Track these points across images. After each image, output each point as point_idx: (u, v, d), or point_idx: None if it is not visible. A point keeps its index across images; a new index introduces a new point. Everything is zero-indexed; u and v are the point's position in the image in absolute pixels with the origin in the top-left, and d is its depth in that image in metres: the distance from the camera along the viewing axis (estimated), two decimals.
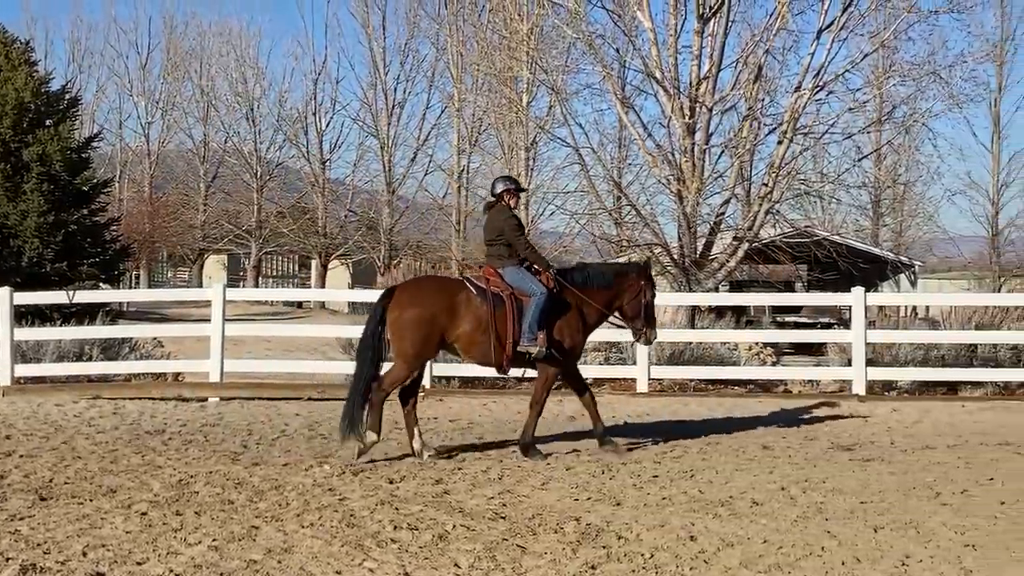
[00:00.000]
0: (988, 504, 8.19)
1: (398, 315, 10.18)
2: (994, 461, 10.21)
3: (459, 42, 34.66)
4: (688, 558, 6.57)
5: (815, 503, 8.18)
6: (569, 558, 6.56)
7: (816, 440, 11.49)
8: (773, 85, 20.82)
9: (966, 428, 12.59)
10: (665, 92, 20.18)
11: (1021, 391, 15.67)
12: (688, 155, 20.14)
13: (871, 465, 9.93)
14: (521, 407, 13.93)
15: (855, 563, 6.48)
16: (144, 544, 6.72)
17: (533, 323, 10.21)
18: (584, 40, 20.16)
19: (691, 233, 20.42)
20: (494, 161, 34.20)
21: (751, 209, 20.74)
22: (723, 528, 7.33)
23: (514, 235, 10.56)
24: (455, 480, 9.04)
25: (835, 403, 14.39)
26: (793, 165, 20.73)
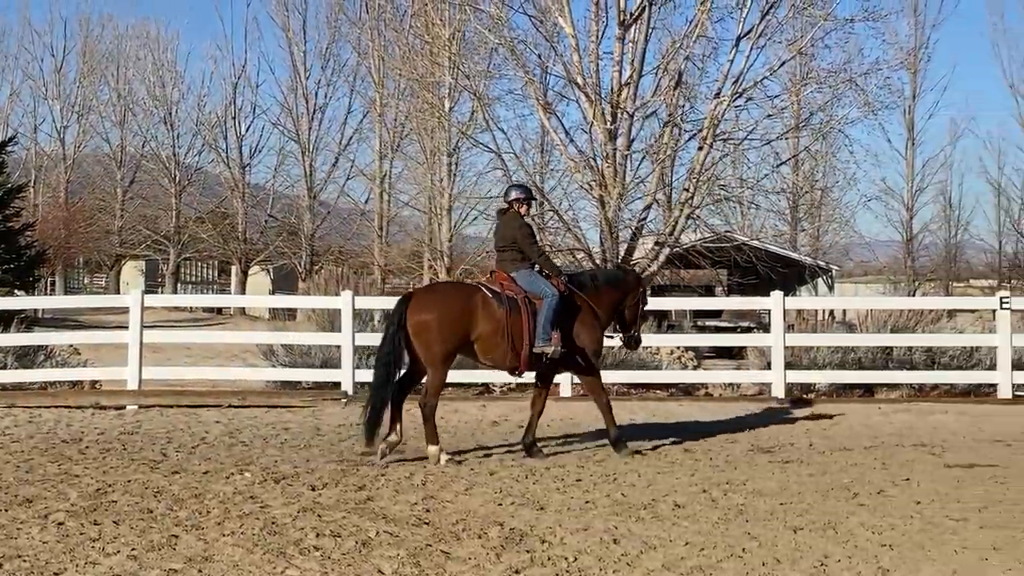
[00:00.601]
0: (904, 504, 8.34)
1: (420, 320, 10.28)
2: (909, 462, 10.41)
3: (380, 47, 34.49)
4: (611, 561, 6.59)
5: (736, 505, 8.27)
6: (493, 563, 6.55)
7: (737, 443, 11.61)
8: (693, 91, 21.02)
9: (882, 429, 12.83)
10: (587, 98, 20.26)
11: (935, 392, 15.99)
12: (610, 161, 20.24)
13: (790, 467, 10.07)
14: (443, 412, 13.91)
15: (775, 564, 6.56)
16: (61, 555, 6.58)
17: (547, 324, 10.47)
18: (506, 46, 20.16)
19: (613, 238, 20.52)
20: (416, 166, 34.11)
21: (672, 214, 20.92)
22: (646, 531, 7.37)
23: (527, 242, 10.86)
24: (378, 486, 8.98)
25: (755, 406, 14.56)
26: (713, 171, 20.94)
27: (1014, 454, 10.91)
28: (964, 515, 7.93)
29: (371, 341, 16.38)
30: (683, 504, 8.28)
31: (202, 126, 45.23)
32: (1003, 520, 7.77)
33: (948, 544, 7.06)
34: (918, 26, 42.78)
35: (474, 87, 21.76)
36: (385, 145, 37.42)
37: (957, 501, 8.45)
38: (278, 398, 15.26)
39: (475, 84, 21.79)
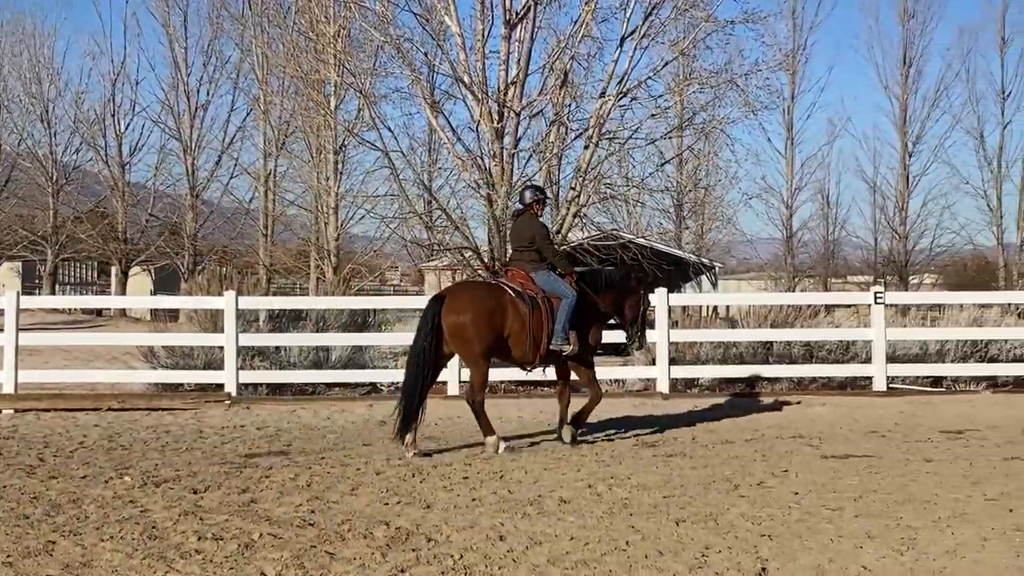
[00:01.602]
0: (783, 495, 8.53)
1: (457, 320, 10.65)
2: (788, 453, 10.66)
3: (264, 43, 34.01)
4: (497, 558, 6.61)
5: (620, 499, 8.37)
6: (378, 562, 6.52)
7: (622, 438, 11.76)
8: (579, 91, 21.17)
9: (763, 422, 13.12)
10: (474, 97, 20.28)
11: (813, 386, 16.40)
12: (497, 159, 20.29)
13: (674, 460, 10.23)
14: (330, 413, 13.84)
15: (658, 556, 6.65)
16: None
17: (565, 323, 11.01)
18: (392, 44, 20.06)
19: (501, 236, 20.57)
20: (302, 164, 33.73)
21: (559, 213, 21.05)
22: (532, 527, 7.41)
23: (545, 242, 11.38)
24: (262, 488, 8.86)
25: (641, 402, 14.74)
26: (599, 169, 21.12)
27: (888, 445, 11.25)
28: (840, 504, 8.15)
29: (255, 342, 16.22)
30: (569, 499, 8.35)
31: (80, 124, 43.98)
32: (877, 509, 8.01)
33: (824, 533, 7.25)
34: (796, 28, 43.86)
35: (360, 85, 21.61)
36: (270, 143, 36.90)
37: (833, 491, 8.68)
38: (159, 401, 14.95)
39: (361, 82, 21.63)
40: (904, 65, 44.51)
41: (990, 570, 6.35)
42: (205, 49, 40.96)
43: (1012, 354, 17.25)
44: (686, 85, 21.83)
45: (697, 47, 21.10)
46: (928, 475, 9.40)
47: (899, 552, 6.75)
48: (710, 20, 20.13)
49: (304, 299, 23.34)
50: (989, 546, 6.89)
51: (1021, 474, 9.38)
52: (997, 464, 9.94)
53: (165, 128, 41.95)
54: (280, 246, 38.58)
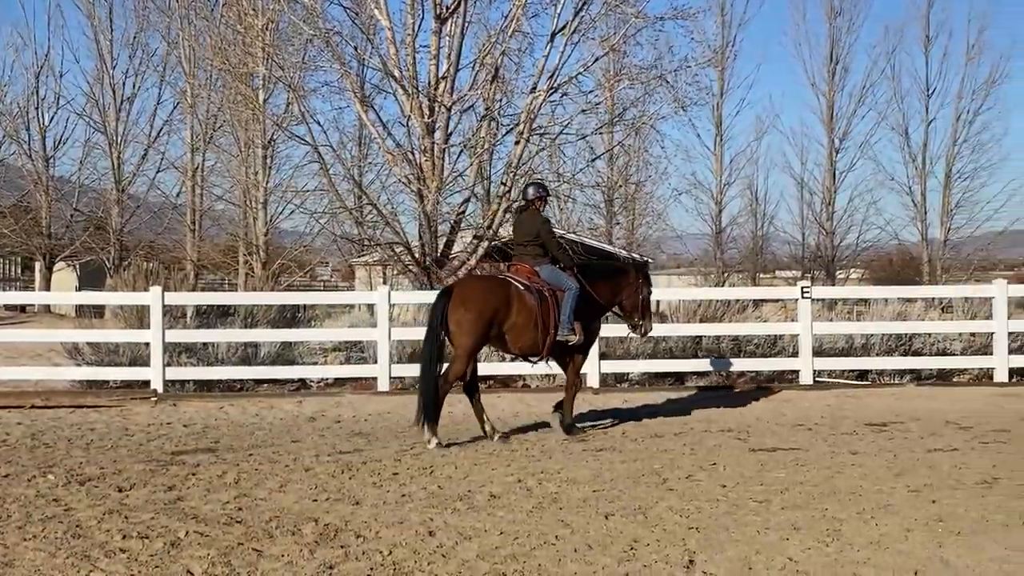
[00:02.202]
0: (711, 488, 8.60)
1: (463, 313, 11.00)
2: (717, 447, 10.76)
3: (191, 36, 33.54)
4: (426, 553, 6.59)
5: (550, 493, 8.38)
6: (306, 559, 6.46)
7: (552, 432, 11.75)
8: (510, 86, 21.21)
9: (692, 416, 13.20)
10: (404, 91, 20.21)
11: (742, 380, 16.55)
12: (428, 154, 20.25)
13: (603, 454, 10.27)
14: (259, 409, 13.70)
15: (587, 549, 6.67)
16: None
17: (570, 314, 11.42)
18: (321, 37, 19.92)
19: (432, 232, 20.54)
20: (230, 159, 33.33)
21: (491, 208, 21.06)
22: (461, 522, 7.39)
23: (549, 238, 11.74)
24: (189, 486, 8.74)
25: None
26: (530, 165, 21.16)
27: (814, 438, 11.39)
28: (767, 497, 8.24)
29: (182, 338, 16.01)
30: (499, 494, 8.35)
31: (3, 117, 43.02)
32: (803, 501, 8.10)
33: (751, 525, 7.32)
34: (725, 25, 44.14)
35: (289, 79, 21.42)
36: (197, 137, 36.38)
37: (760, 484, 8.77)
38: (84, 398, 14.69)
39: (290, 76, 21.44)
40: (831, 62, 45.09)
41: (913, 561, 6.44)
42: (131, 42, 40.23)
43: (935, 347, 17.56)
44: (616, 81, 21.94)
45: (627, 43, 21.27)
46: (853, 467, 9.53)
47: (824, 543, 6.83)
48: (640, 16, 20.26)
49: (232, 295, 23.06)
50: (912, 537, 7.00)
51: (943, 466, 9.55)
52: (920, 456, 10.11)
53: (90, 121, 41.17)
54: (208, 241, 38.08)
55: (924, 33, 45.15)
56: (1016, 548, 6.69)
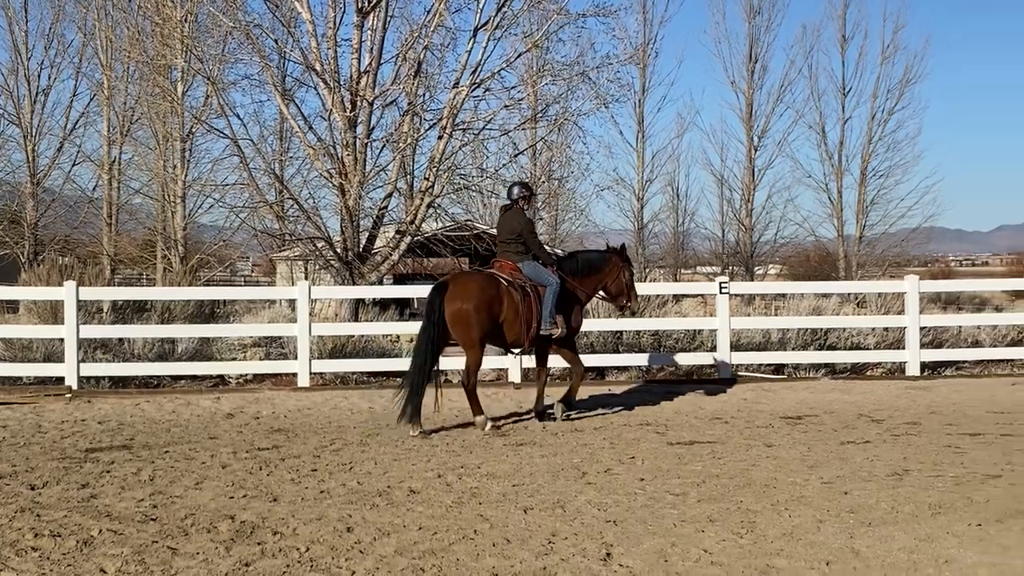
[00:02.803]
0: (629, 482, 8.68)
1: (459, 308, 11.48)
2: (635, 441, 10.85)
3: (108, 27, 32.91)
4: (344, 549, 6.57)
5: (470, 488, 8.40)
6: (222, 557, 6.41)
7: (473, 427, 11.76)
8: (433, 81, 21.15)
9: (612, 410, 13.29)
10: (326, 85, 20.07)
11: (662, 374, 16.72)
12: (350, 149, 20.13)
13: (524, 449, 10.32)
14: (175, 406, 13.52)
15: (505, 544, 6.70)
16: None
17: (552, 309, 11.99)
18: (241, 30, 19.70)
19: (354, 227, 20.42)
20: (147, 152, 32.80)
21: (413, 203, 21.00)
22: (380, 518, 7.38)
23: (530, 236, 12.24)
24: (103, 484, 8.61)
25: (493, 391, 14.78)
26: (453, 160, 21.14)
27: (730, 431, 11.53)
28: (684, 490, 8.34)
29: (97, 334, 15.74)
30: (418, 490, 8.35)
31: None
32: (719, 493, 8.21)
33: (668, 518, 7.40)
34: (646, 23, 44.37)
35: (208, 71, 21.14)
36: (114, 130, 35.70)
37: (678, 477, 8.87)
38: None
39: (209, 68, 21.16)
40: (750, 61, 45.62)
41: (825, 551, 6.56)
42: (47, 33, 39.31)
43: (849, 342, 17.89)
44: (539, 77, 21.97)
45: (550, 39, 21.32)
46: (768, 460, 9.68)
47: (739, 535, 6.93)
48: (562, 13, 20.35)
49: (149, 290, 22.74)
50: (824, 528, 7.13)
51: (856, 458, 9.74)
52: (833, 448, 10.29)
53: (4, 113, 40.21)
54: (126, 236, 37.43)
55: (840, 33, 45.91)
56: (924, 538, 6.84)
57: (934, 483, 8.57)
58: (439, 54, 21.06)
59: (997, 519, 7.33)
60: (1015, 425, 11.73)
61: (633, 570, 6.18)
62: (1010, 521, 7.28)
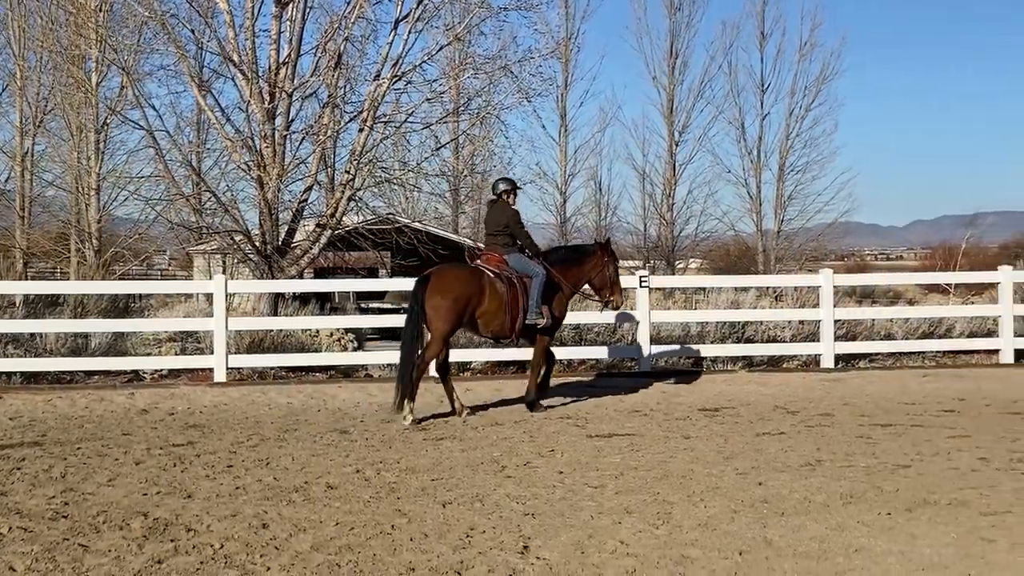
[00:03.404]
0: (548, 475, 8.72)
1: (439, 300, 11.90)
2: (555, 434, 10.89)
3: (21, 16, 32.16)
4: (259, 546, 6.50)
5: (388, 483, 8.37)
6: (134, 554, 6.32)
7: (392, 422, 11.70)
8: (354, 73, 20.95)
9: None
10: (244, 76, 19.80)
11: (583, 367, 16.80)
12: (268, 141, 19.89)
13: (443, 443, 10.30)
14: (88, 402, 13.27)
15: (423, 538, 6.68)
16: None
17: (537, 299, 12.33)
18: (157, 20, 19.32)
19: (273, 220, 20.19)
20: (61, 143, 32.11)
21: (334, 196, 20.83)
22: (296, 514, 7.32)
23: (517, 228, 12.68)
24: (13, 481, 8.44)
25: None
26: (374, 153, 20.98)
27: (649, 423, 11.62)
28: (602, 482, 8.39)
29: (8, 328, 15.44)
30: (336, 485, 8.29)
31: None
32: (636, 485, 8.28)
33: (586, 510, 7.45)
34: (568, 17, 44.40)
35: (123, 62, 20.73)
36: (27, 121, 34.83)
37: (596, 469, 8.93)
38: None
39: (124, 59, 20.75)
40: (671, 56, 45.88)
41: (738, 541, 6.65)
42: None
43: (767, 335, 18.13)
44: (461, 70, 21.87)
45: (471, 33, 21.25)
46: (686, 452, 9.79)
47: (655, 526, 7.00)
48: (484, 6, 20.29)
49: (62, 283, 22.31)
50: (738, 518, 7.23)
51: (770, 449, 9.88)
52: (749, 440, 10.44)
53: None
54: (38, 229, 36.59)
55: (759, 30, 46.38)
56: (835, 527, 6.97)
57: (846, 473, 8.73)
58: (360, 46, 20.88)
59: (906, 508, 7.49)
60: (925, 416, 12.00)
61: (550, 562, 6.20)
62: (918, 510, 7.44)
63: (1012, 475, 8.62)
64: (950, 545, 6.57)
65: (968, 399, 13.33)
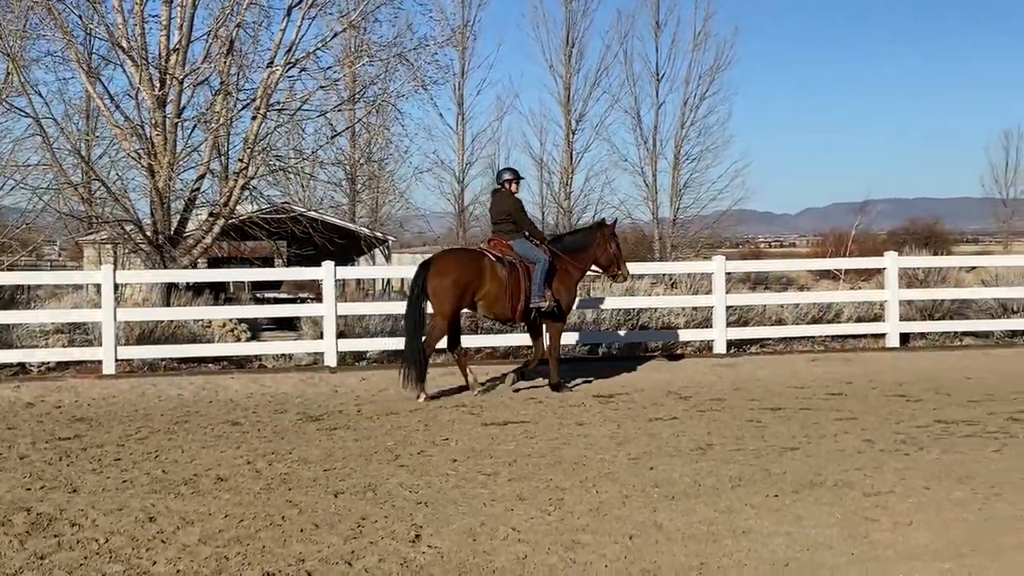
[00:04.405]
0: (441, 463, 8.72)
1: (439, 282, 12.50)
2: (450, 422, 10.89)
3: None
4: (145, 540, 6.41)
5: (280, 474, 8.29)
6: (16, 551, 6.18)
7: (286, 413, 11.58)
8: (247, 60, 20.71)
9: (429, 392, 13.24)
10: (133, 63, 19.44)
11: (479, 356, 16.77)
12: (159, 128, 19.56)
13: (337, 433, 10.23)
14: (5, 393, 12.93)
15: (314, 529, 6.64)
16: None
17: (540, 283, 12.85)
18: (43, 5, 18.87)
19: (164, 209, 19.86)
20: None
21: (227, 185, 20.55)
22: (185, 506, 7.22)
23: (520, 215, 13.29)
24: None
25: (308, 376, 14.63)
26: (268, 141, 20.75)
27: (544, 410, 11.66)
28: (496, 469, 8.42)
29: None
30: (226, 477, 8.19)
31: None
32: (529, 472, 8.33)
33: (479, 498, 7.47)
34: (464, 5, 44.31)
35: (8, 48, 20.11)
36: None
37: (490, 457, 8.96)
38: None
39: (9, 45, 20.13)
40: (567, 45, 46.15)
41: (629, 525, 6.73)
42: None
43: (661, 321, 18.34)
44: (356, 58, 21.71)
45: (367, 20, 21.15)
46: (579, 438, 9.87)
47: (547, 512, 7.05)
48: None
49: None
50: (629, 503, 7.32)
51: (663, 434, 10.01)
52: (642, 425, 10.56)
53: None
54: None
55: (654, 19, 46.90)
56: (723, 510, 7.10)
57: (736, 456, 8.89)
58: (253, 32, 20.65)
59: (793, 490, 7.66)
60: (814, 399, 12.26)
61: (441, 550, 6.21)
62: (805, 492, 7.61)
63: (895, 456, 8.85)
64: (835, 525, 6.72)
65: (855, 382, 13.66)
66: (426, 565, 5.95)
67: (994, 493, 7.47)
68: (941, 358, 16.25)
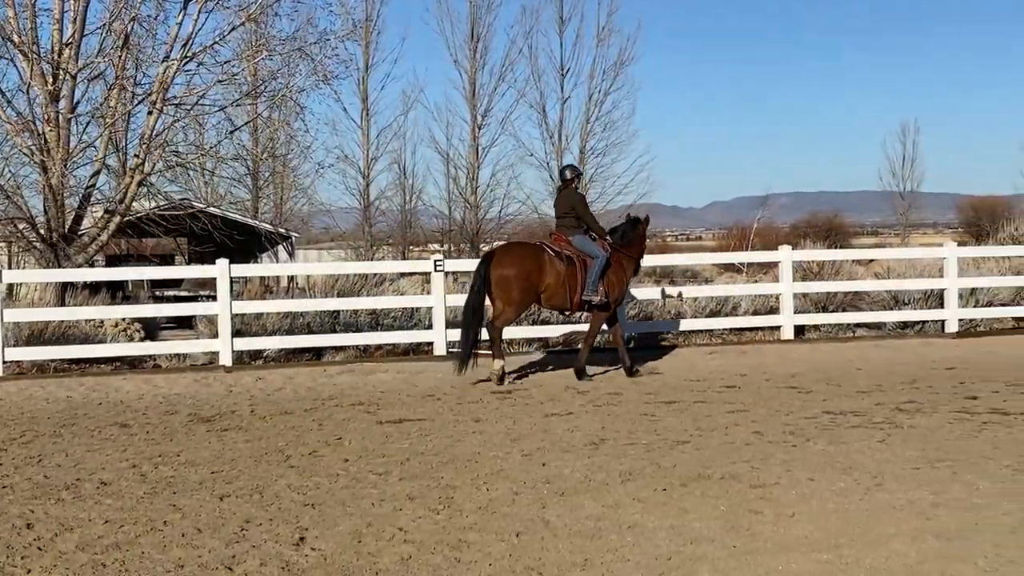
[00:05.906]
0: (333, 463, 8.64)
1: (502, 273, 13.30)
2: (345, 421, 10.81)
3: None
4: (21, 547, 6.25)
5: (165, 478, 8.15)
6: None
7: (177, 414, 11.39)
8: (143, 54, 20.29)
9: (325, 391, 13.15)
10: (24, 57, 18.95)
11: (380, 353, 16.73)
12: (53, 124, 19.11)
13: (228, 434, 10.09)
14: None
15: (196, 533, 6.54)
16: None
17: (596, 278, 13.57)
18: None
19: (58, 206, 19.40)
20: None
21: (124, 181, 20.15)
22: (65, 512, 7.06)
23: (584, 211, 14.05)
24: None
25: (203, 376, 14.41)
26: (166, 136, 20.39)
27: (442, 407, 11.66)
28: (387, 468, 8.38)
29: None
30: (109, 481, 8.03)
31: None
32: (421, 471, 8.30)
33: (368, 498, 7.42)
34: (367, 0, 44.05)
35: None
36: None
37: (383, 456, 8.91)
38: None
39: None
40: (472, 40, 46.09)
41: (516, 522, 6.74)
42: None
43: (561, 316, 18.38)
44: (256, 52, 21.41)
45: (266, 14, 20.88)
46: (474, 435, 9.86)
47: (436, 511, 7.03)
48: None
49: None
50: (519, 500, 7.32)
51: (557, 429, 10.05)
52: (538, 421, 10.59)
53: None
54: None
55: (559, 15, 47.07)
56: (612, 505, 7.14)
57: (627, 451, 8.96)
58: (149, 26, 20.22)
59: (681, 483, 7.74)
60: (708, 392, 12.42)
61: (325, 553, 6.15)
62: (693, 484, 7.69)
63: (783, 447, 8.99)
64: (719, 518, 6.80)
65: (749, 375, 13.88)
66: (308, 568, 5.89)
67: (876, 483, 7.62)
68: (834, 350, 16.57)
